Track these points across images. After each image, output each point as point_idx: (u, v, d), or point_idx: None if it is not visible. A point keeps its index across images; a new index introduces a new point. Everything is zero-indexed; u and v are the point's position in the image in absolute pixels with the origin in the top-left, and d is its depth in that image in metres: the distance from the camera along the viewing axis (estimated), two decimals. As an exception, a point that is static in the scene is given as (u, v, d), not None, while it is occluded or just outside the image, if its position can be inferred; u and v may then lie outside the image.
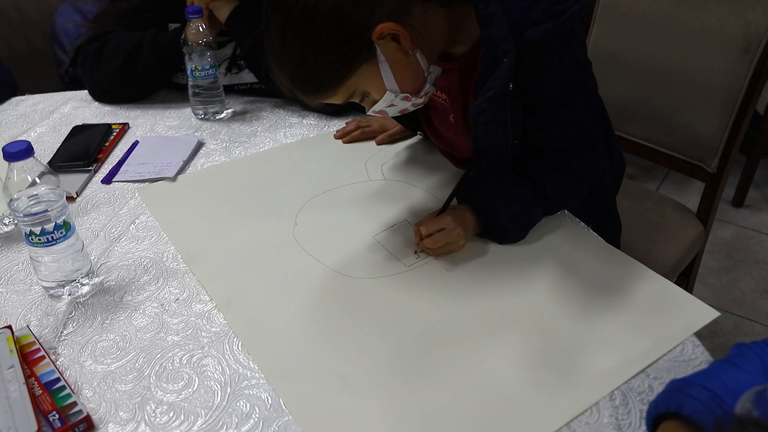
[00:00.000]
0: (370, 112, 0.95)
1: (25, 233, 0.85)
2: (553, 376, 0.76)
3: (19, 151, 0.81)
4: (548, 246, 0.97)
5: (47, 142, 1.30)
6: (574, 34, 0.90)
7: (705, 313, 0.85)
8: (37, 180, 0.83)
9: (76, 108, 1.44)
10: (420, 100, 0.95)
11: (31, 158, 0.83)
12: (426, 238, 0.94)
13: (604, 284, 0.90)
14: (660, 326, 0.82)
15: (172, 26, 1.42)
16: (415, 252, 0.96)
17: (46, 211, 0.84)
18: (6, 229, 1.04)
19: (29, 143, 0.82)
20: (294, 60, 0.85)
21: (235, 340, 0.82)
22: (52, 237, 0.85)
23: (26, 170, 0.83)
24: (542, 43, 0.85)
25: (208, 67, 1.31)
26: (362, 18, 0.81)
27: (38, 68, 1.97)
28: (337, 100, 0.90)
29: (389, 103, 0.92)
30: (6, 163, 0.83)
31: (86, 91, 1.48)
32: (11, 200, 0.84)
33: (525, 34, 0.85)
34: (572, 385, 0.75)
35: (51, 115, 1.41)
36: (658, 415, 0.61)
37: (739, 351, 0.60)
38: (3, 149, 0.81)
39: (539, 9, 0.86)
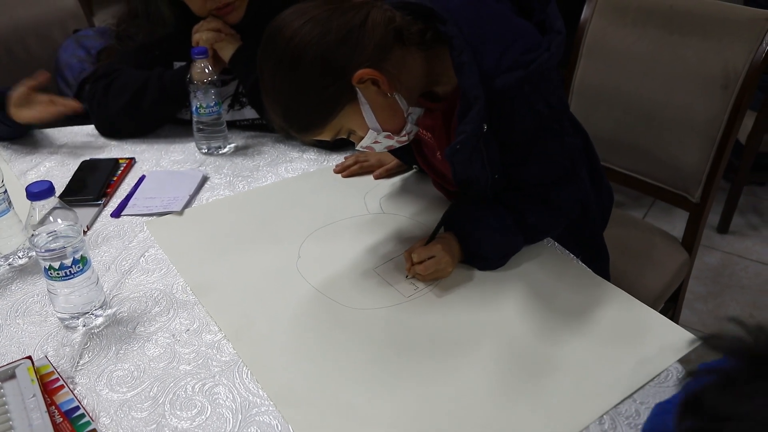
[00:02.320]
0: (357, 148, 1.01)
1: (45, 268, 0.89)
2: (545, 402, 0.81)
3: (42, 191, 0.86)
4: (539, 277, 1.02)
5: (56, 177, 1.35)
6: (546, 79, 0.95)
7: (687, 341, 0.90)
8: (60, 220, 0.88)
9: (84, 143, 1.49)
10: (403, 139, 1.01)
11: (52, 197, 0.87)
12: (417, 264, 1.00)
13: (592, 313, 0.95)
14: (646, 353, 0.87)
15: (177, 64, 1.47)
16: (406, 276, 1.02)
17: (65, 246, 0.88)
18: (21, 261, 1.09)
19: (51, 183, 0.87)
20: (284, 102, 0.93)
21: (244, 369, 0.87)
22: (70, 271, 0.90)
23: (46, 208, 0.88)
24: (513, 89, 0.92)
25: (212, 104, 1.37)
26: (342, 65, 0.89)
27: (42, 101, 2.01)
28: (325, 137, 0.97)
29: (373, 140, 0.99)
30: (22, 197, 0.88)
31: (93, 126, 1.53)
32: (32, 236, 0.88)
33: (496, 80, 0.91)
34: (563, 410, 0.80)
35: (59, 150, 1.46)
36: None
37: (708, 367, 0.65)
38: (27, 189, 0.86)
39: (510, 57, 0.92)
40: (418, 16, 0.93)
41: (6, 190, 1.05)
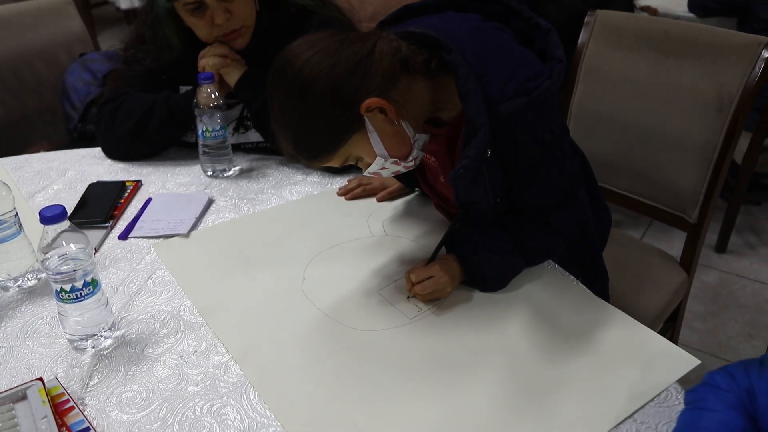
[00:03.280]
0: (365, 173, 1.04)
1: (56, 290, 0.91)
2: (548, 422, 0.83)
3: (55, 215, 0.88)
4: (540, 299, 1.04)
5: (64, 199, 1.37)
6: (548, 105, 0.98)
7: (687, 361, 0.92)
8: (72, 244, 0.90)
9: (90, 165, 1.51)
10: (410, 164, 1.04)
11: (65, 221, 0.90)
12: (416, 284, 1.02)
13: (593, 334, 0.97)
14: (645, 374, 0.89)
15: (183, 88, 1.50)
16: (408, 297, 1.04)
17: (76, 269, 0.90)
18: (30, 283, 1.10)
19: (63, 208, 0.89)
20: (293, 131, 0.95)
21: (251, 390, 0.88)
22: (80, 293, 0.91)
23: (58, 231, 0.90)
24: (517, 115, 0.94)
25: (218, 128, 1.40)
26: (351, 95, 0.91)
27: (47, 123, 2.05)
28: (334, 164, 1.00)
29: (381, 167, 1.02)
30: (31, 219, 0.90)
31: (99, 149, 1.55)
32: (44, 258, 0.90)
33: (500, 107, 0.93)
34: (565, 430, 0.81)
35: (66, 173, 1.48)
36: None
37: (696, 396, 0.67)
38: (40, 213, 0.88)
39: (514, 84, 0.94)
40: (423, 46, 0.96)
41: (17, 213, 1.07)
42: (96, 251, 1.20)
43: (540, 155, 1.00)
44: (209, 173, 1.46)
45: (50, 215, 0.88)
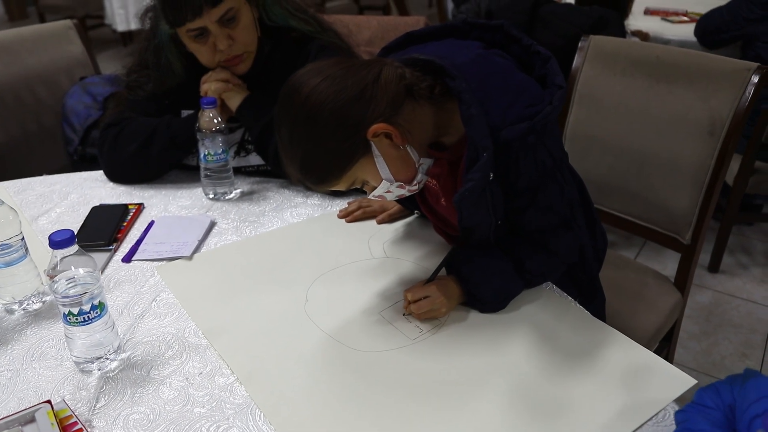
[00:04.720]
0: (370, 196, 1.06)
1: (64, 313, 0.92)
2: (549, 442, 0.84)
3: (64, 240, 0.90)
4: (539, 320, 1.06)
5: (67, 222, 1.38)
6: (548, 131, 1.01)
7: (683, 381, 0.93)
8: (80, 268, 0.92)
9: (92, 188, 1.53)
10: (414, 188, 1.06)
11: (74, 245, 0.91)
12: (412, 303, 1.04)
13: (591, 355, 0.98)
14: (643, 393, 0.91)
15: (185, 112, 1.53)
16: (404, 314, 1.07)
17: (84, 293, 0.92)
18: (35, 306, 1.12)
19: (72, 232, 0.91)
20: (301, 156, 0.97)
21: (257, 411, 0.89)
22: (88, 317, 0.93)
23: (66, 255, 0.92)
24: (518, 140, 0.97)
25: (219, 151, 1.42)
26: (357, 120, 0.94)
27: (47, 146, 2.06)
28: (340, 187, 1.02)
29: (386, 190, 1.04)
30: (35, 242, 0.90)
31: (101, 172, 1.57)
32: (52, 282, 0.92)
33: (502, 132, 0.97)
34: (567, 449, 0.83)
35: (69, 196, 1.50)
36: None
37: (685, 416, 0.69)
38: (49, 238, 0.90)
39: (516, 110, 0.98)
40: (426, 72, 0.99)
41: (23, 237, 1.09)
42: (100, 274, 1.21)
43: (540, 179, 1.02)
44: (211, 196, 1.47)
45: (60, 239, 0.89)
